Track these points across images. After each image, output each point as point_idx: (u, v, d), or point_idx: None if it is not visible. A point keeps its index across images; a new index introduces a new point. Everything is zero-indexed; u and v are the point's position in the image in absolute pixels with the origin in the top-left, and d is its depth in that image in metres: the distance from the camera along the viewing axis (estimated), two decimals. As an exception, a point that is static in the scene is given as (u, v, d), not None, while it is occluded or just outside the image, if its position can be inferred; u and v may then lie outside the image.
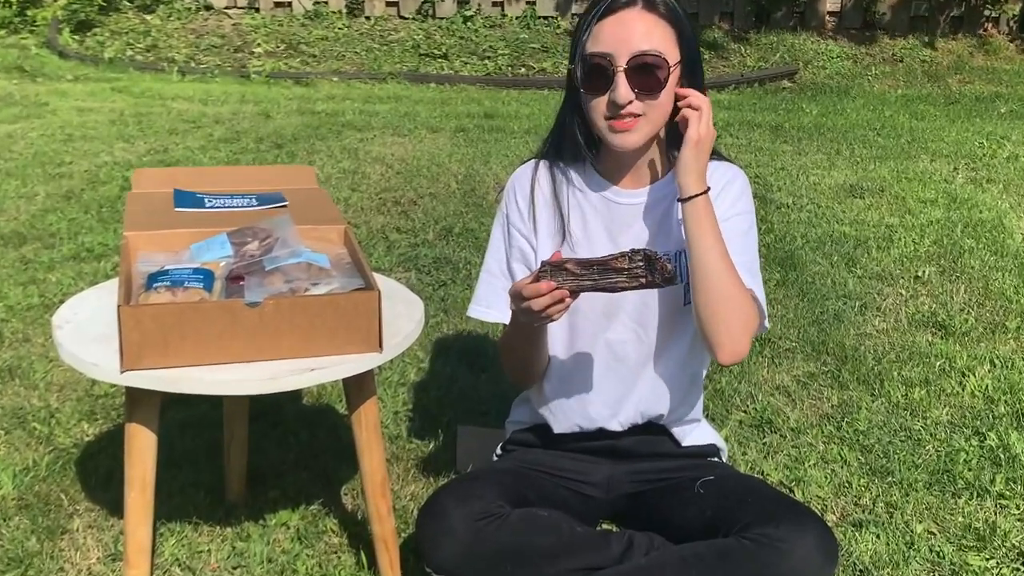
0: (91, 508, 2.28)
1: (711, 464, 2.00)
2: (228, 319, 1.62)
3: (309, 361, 1.67)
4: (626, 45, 1.70)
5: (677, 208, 1.81)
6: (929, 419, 2.76)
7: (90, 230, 4.05)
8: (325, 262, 1.83)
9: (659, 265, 1.56)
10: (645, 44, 1.70)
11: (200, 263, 1.80)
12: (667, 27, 1.74)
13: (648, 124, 1.75)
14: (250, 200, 2.07)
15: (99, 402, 2.76)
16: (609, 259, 1.58)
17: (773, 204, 4.56)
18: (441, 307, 3.41)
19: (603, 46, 1.72)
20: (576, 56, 1.77)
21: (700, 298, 1.75)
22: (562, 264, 1.60)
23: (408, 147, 5.39)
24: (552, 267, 1.60)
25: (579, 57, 1.75)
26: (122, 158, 5.09)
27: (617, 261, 1.58)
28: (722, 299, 1.73)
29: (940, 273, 3.83)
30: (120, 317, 1.56)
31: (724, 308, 1.74)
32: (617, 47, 1.70)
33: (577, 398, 1.94)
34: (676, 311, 1.88)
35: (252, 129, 5.69)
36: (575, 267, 1.59)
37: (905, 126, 6.25)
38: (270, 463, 2.48)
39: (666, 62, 1.71)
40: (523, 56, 8.01)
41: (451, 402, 2.81)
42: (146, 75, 7.46)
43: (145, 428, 1.70)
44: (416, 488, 2.40)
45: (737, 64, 7.89)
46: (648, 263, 1.57)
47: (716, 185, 1.82)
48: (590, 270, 1.59)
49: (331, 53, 8.07)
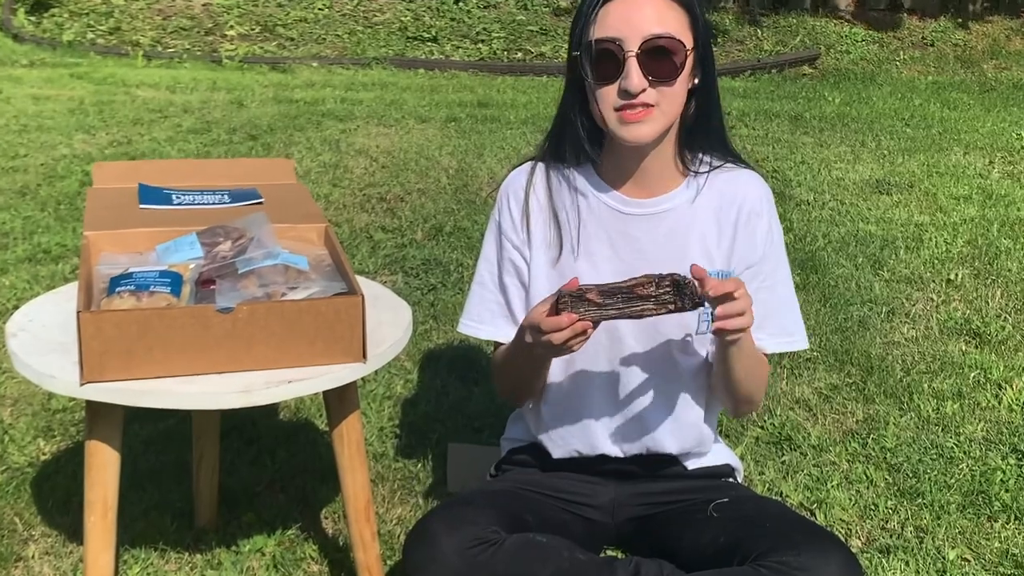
0: (47, 533, 2.28)
1: (725, 485, 2.00)
2: (198, 327, 1.61)
3: (286, 372, 1.66)
4: (637, 29, 1.69)
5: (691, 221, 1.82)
6: (963, 435, 2.76)
7: (47, 229, 4.04)
8: (304, 264, 1.82)
9: (688, 290, 1.58)
10: (657, 27, 1.70)
11: (167, 265, 1.80)
12: (679, 9, 1.74)
13: (662, 116, 1.75)
14: (222, 196, 2.06)
15: (57, 417, 2.75)
16: (634, 285, 1.60)
17: (793, 201, 4.57)
18: (430, 313, 3.40)
19: (611, 31, 1.71)
20: (579, 43, 1.77)
21: (734, 392, 1.86)
22: (583, 294, 1.60)
23: (394, 139, 5.39)
24: (572, 297, 1.61)
25: (584, 44, 1.74)
26: (82, 151, 5.08)
27: (643, 288, 1.59)
28: (756, 388, 1.87)
29: (974, 276, 3.83)
30: (80, 324, 1.56)
31: (755, 392, 1.88)
32: (627, 31, 1.70)
33: (577, 424, 1.93)
34: (683, 338, 1.87)
35: (224, 119, 5.69)
36: (597, 296, 1.60)
37: (936, 116, 6.27)
38: (243, 484, 2.48)
39: (682, 45, 1.71)
40: (520, 39, 8.02)
41: (441, 417, 2.80)
42: (108, 60, 7.46)
43: (107, 445, 1.69)
44: (403, 512, 2.39)
45: (753, 49, 7.91)
46: (676, 288, 1.58)
47: (743, 211, 1.84)
48: (614, 298, 1.60)
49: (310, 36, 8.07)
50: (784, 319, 1.89)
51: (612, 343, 1.87)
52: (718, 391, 1.89)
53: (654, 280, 1.59)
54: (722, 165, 1.87)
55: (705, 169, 1.86)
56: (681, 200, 1.84)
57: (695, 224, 1.84)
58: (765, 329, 1.85)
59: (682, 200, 1.84)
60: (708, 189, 1.86)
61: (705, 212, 1.85)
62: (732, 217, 1.84)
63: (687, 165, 1.86)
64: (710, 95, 1.82)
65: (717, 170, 1.87)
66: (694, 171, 1.86)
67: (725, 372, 1.80)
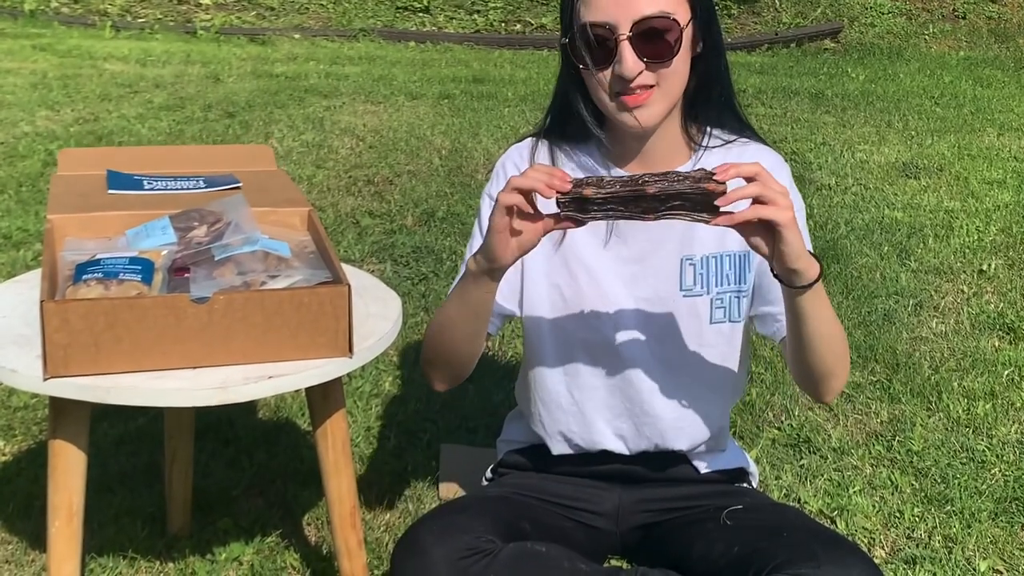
0: (7, 540, 2.28)
1: (739, 491, 2.00)
2: (171, 317, 1.61)
3: (266, 367, 1.66)
4: (626, 10, 1.70)
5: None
6: (995, 438, 2.77)
7: (7, 213, 4.04)
8: (285, 251, 1.82)
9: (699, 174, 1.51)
10: (649, 7, 1.70)
11: (138, 251, 1.80)
12: None
13: (664, 97, 1.75)
14: (197, 182, 2.07)
15: (17, 415, 2.75)
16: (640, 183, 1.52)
17: (813, 185, 4.57)
18: (421, 304, 3.41)
19: (601, 14, 1.71)
20: (565, 28, 1.77)
21: (812, 366, 1.79)
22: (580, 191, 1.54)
23: (383, 117, 5.39)
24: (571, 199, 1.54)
25: (574, 29, 1.75)
26: (45, 128, 5.08)
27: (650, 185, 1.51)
28: (836, 359, 1.79)
29: (1008, 267, 3.84)
30: (43, 315, 1.56)
31: (837, 365, 1.80)
32: (617, 13, 1.70)
33: (578, 417, 1.94)
34: (698, 327, 1.87)
35: (199, 95, 5.68)
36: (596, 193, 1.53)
37: (968, 94, 6.27)
38: (219, 487, 2.48)
39: (676, 23, 1.71)
40: (518, 10, 8.01)
41: (433, 416, 2.81)
42: (73, 30, 7.45)
43: (72, 445, 1.70)
44: (391, 518, 2.40)
45: (771, 21, 7.90)
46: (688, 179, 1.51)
47: None
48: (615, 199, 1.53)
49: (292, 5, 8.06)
50: None
51: (617, 330, 1.87)
52: (799, 369, 1.82)
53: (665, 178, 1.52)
54: (733, 140, 1.87)
55: (716, 144, 1.86)
56: None
57: None
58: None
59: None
60: (718, 164, 1.85)
61: None
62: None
63: (694, 139, 1.86)
64: (713, 63, 1.82)
65: (728, 145, 1.86)
66: (703, 146, 1.86)
67: (806, 338, 1.74)
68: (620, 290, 1.85)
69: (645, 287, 1.85)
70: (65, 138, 4.91)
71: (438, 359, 1.91)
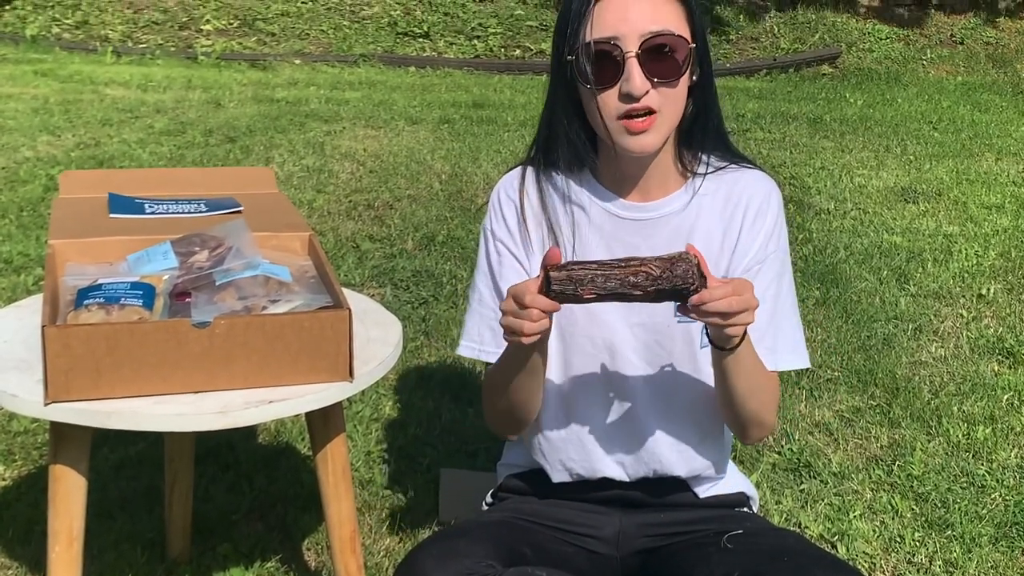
0: (7, 565, 2.27)
1: (739, 515, 2.00)
2: (172, 342, 1.61)
3: (266, 392, 1.66)
4: (634, 26, 1.70)
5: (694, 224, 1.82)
6: (995, 462, 2.77)
7: (8, 238, 4.04)
8: (286, 275, 1.83)
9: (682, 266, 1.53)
10: (656, 23, 1.70)
11: (139, 276, 1.80)
12: (675, 4, 1.75)
13: (665, 122, 1.75)
14: (198, 205, 2.08)
15: (18, 440, 2.75)
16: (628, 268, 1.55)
17: (812, 210, 4.58)
18: (422, 329, 3.41)
19: (608, 29, 1.71)
20: (569, 46, 1.76)
21: (737, 415, 1.83)
22: (571, 272, 1.56)
23: (383, 141, 5.41)
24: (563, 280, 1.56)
25: (579, 46, 1.74)
26: (46, 153, 5.09)
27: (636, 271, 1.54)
28: (761, 407, 1.82)
29: (1007, 291, 3.84)
30: (44, 340, 1.56)
31: (762, 412, 1.83)
32: (624, 29, 1.70)
33: (578, 445, 1.93)
34: (691, 353, 1.87)
35: (199, 120, 5.70)
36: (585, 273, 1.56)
37: (966, 119, 6.29)
38: (219, 512, 2.48)
39: (684, 41, 1.72)
40: (518, 36, 8.04)
41: (433, 441, 2.81)
42: (75, 56, 7.48)
43: (72, 470, 1.69)
44: (391, 543, 2.39)
45: (769, 46, 7.94)
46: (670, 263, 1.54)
47: (750, 210, 1.83)
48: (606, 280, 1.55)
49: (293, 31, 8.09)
50: (784, 333, 1.88)
51: (613, 358, 1.87)
52: (723, 412, 1.88)
53: (650, 263, 1.55)
54: (727, 166, 1.88)
55: (708, 170, 1.87)
56: (682, 203, 1.85)
57: (698, 227, 1.85)
58: (765, 343, 1.84)
59: (683, 203, 1.85)
60: (712, 190, 1.86)
61: (710, 214, 1.85)
62: (739, 217, 1.84)
63: (687, 166, 1.86)
64: (709, 91, 1.83)
65: (722, 171, 1.87)
66: (695, 172, 1.86)
67: (725, 388, 1.79)
68: (615, 317, 1.85)
69: (640, 313, 1.84)
70: (66, 163, 4.93)
71: (496, 411, 1.93)
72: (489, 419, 1.97)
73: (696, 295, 1.54)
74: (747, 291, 1.60)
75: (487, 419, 1.98)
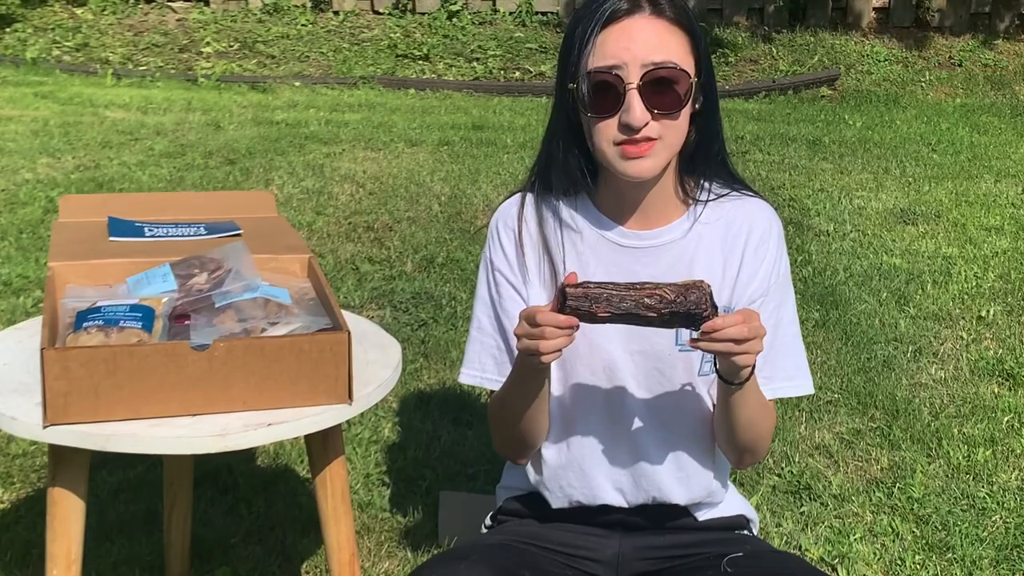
0: (5, 589, 2.27)
1: (739, 538, 1.99)
2: (171, 365, 1.61)
3: (265, 414, 1.66)
4: (636, 56, 1.70)
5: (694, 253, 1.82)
6: (996, 485, 2.76)
7: (7, 260, 4.05)
8: (285, 298, 1.83)
9: (695, 294, 1.56)
10: (658, 55, 1.70)
11: (138, 299, 1.80)
12: (680, 34, 1.74)
13: (665, 149, 1.75)
14: (198, 229, 2.08)
15: (16, 463, 2.74)
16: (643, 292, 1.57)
17: (811, 232, 4.59)
18: (421, 351, 3.41)
19: (610, 58, 1.71)
20: (571, 73, 1.76)
21: (735, 444, 1.86)
22: (587, 292, 1.57)
23: (383, 163, 5.42)
24: (579, 298, 1.57)
25: (580, 74, 1.74)
26: (46, 176, 5.10)
27: (650, 294, 1.57)
28: (758, 436, 1.86)
29: (1007, 313, 3.84)
30: (43, 362, 1.56)
31: (758, 442, 1.87)
32: (627, 59, 1.70)
33: (577, 472, 1.93)
34: (691, 381, 1.87)
35: (199, 142, 5.71)
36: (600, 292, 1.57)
37: (965, 141, 6.30)
38: (218, 535, 2.47)
39: (686, 74, 1.71)
40: (517, 58, 8.06)
41: (432, 463, 2.80)
42: (75, 78, 7.49)
43: (71, 493, 1.69)
44: (391, 566, 2.39)
45: (768, 68, 7.96)
46: (684, 290, 1.56)
47: (751, 241, 1.84)
48: (620, 301, 1.57)
49: (293, 54, 8.12)
50: (787, 360, 1.88)
51: (612, 385, 1.87)
52: (719, 440, 1.88)
53: (665, 287, 1.57)
54: (727, 193, 1.88)
55: (709, 198, 1.87)
56: (682, 231, 1.85)
57: (699, 256, 1.85)
58: (764, 372, 1.84)
59: (683, 231, 1.85)
60: (714, 218, 1.86)
61: (710, 242, 1.85)
62: (740, 247, 1.84)
63: (688, 194, 1.86)
64: (712, 119, 1.83)
65: (722, 199, 1.87)
66: (697, 200, 1.86)
67: (727, 419, 1.80)
68: (616, 345, 1.85)
69: (640, 341, 1.84)
70: (66, 185, 4.93)
71: (503, 436, 1.94)
72: (497, 445, 1.98)
73: (708, 322, 1.55)
74: (755, 320, 1.61)
75: (495, 445, 1.99)
